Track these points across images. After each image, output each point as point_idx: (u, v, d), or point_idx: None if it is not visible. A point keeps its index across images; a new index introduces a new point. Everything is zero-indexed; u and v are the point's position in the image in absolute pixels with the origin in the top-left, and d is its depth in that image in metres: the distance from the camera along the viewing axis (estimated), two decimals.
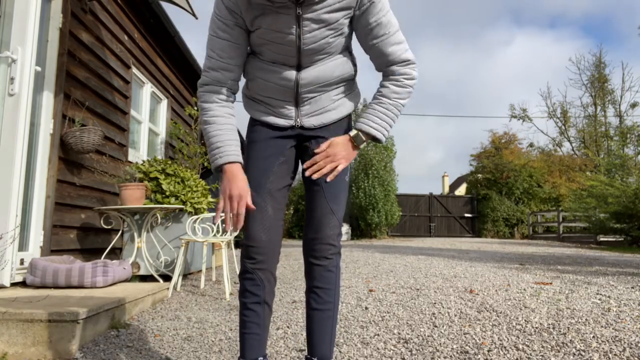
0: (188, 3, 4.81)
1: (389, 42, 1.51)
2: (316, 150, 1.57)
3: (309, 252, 1.60)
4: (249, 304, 1.55)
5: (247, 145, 1.64)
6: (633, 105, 25.60)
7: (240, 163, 1.51)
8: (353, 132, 1.56)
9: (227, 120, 1.53)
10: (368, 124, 1.55)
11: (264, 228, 1.54)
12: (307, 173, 1.58)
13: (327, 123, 1.59)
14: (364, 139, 1.56)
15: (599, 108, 26.93)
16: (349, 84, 1.64)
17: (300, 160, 1.67)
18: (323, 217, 1.57)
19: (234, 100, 1.58)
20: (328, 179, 1.56)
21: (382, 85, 1.58)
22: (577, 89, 49.54)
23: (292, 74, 1.51)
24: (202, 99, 1.54)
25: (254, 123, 1.64)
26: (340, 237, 1.61)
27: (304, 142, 1.63)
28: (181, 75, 7.09)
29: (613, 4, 52.13)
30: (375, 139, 1.57)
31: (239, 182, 1.48)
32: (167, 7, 5.52)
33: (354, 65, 1.61)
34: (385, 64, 1.55)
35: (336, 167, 1.56)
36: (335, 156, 1.55)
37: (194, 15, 4.91)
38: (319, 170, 1.55)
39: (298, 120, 1.58)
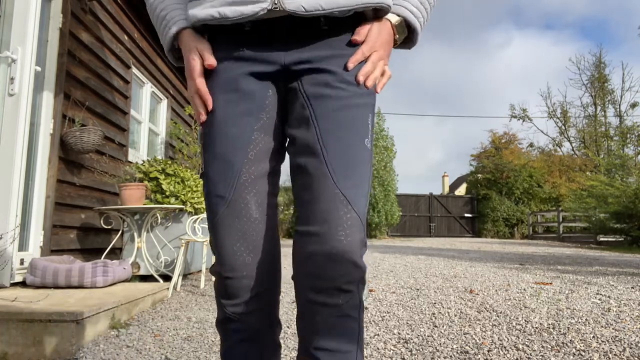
0: None
1: None
2: (355, 37, 0.99)
3: (308, 278, 0.92)
4: None
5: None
6: (633, 105, 25.61)
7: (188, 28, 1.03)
8: (396, 19, 1.03)
9: None
10: (409, 8, 1.04)
11: (247, 242, 0.96)
12: (360, 79, 0.98)
13: (326, 8, 0.94)
14: (403, 30, 1.05)
15: (599, 108, 26.94)
16: None
17: (285, 120, 1.03)
18: (330, 212, 0.90)
19: None
20: (379, 89, 1.03)
21: None
22: (577, 89, 49.57)
23: None
24: None
25: (215, 68, 1.00)
26: (365, 248, 0.95)
27: (291, 82, 1.00)
28: (181, 75, 7.09)
29: (610, 7, 52.17)
30: (410, 36, 1.07)
31: (189, 55, 1.01)
32: None
33: None
34: None
35: (385, 70, 1.03)
36: (381, 51, 1.01)
37: None
38: (368, 75, 0.99)
39: None
